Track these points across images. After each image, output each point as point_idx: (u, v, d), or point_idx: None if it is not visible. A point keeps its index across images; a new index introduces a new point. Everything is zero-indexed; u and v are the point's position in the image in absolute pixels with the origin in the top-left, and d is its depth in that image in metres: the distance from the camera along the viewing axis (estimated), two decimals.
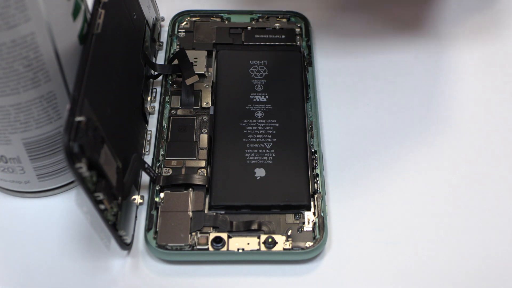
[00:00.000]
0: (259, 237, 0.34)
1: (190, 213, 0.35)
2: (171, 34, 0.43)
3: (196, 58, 0.42)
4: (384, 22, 0.45)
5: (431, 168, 0.38)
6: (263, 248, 0.34)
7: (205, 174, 0.37)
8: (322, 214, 0.35)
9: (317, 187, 0.36)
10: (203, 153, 0.38)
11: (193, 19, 0.44)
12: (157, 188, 0.36)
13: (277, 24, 0.44)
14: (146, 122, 0.40)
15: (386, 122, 0.40)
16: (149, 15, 0.43)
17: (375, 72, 0.43)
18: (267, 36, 0.43)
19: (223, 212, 0.35)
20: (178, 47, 0.43)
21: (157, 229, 0.34)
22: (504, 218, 0.36)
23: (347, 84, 0.42)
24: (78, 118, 0.29)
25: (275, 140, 0.38)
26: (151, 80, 0.42)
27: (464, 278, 0.34)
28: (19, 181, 0.36)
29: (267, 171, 0.36)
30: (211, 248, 0.34)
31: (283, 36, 0.43)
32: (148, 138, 0.39)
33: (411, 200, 0.37)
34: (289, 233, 0.34)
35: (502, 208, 0.37)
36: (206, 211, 0.35)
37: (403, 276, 0.34)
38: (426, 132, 0.40)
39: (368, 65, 0.43)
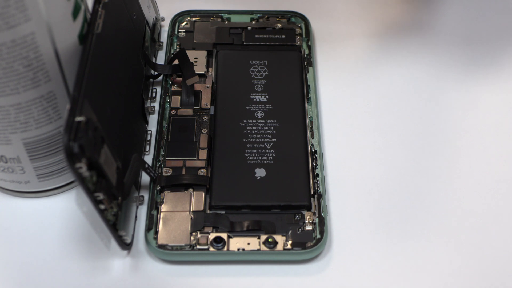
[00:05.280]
0: (259, 237, 0.34)
1: (191, 213, 0.35)
2: (171, 34, 0.43)
3: (196, 58, 0.42)
4: (384, 22, 0.45)
5: (431, 167, 0.38)
6: (263, 248, 0.34)
7: (205, 174, 0.37)
8: (322, 214, 0.35)
9: (317, 187, 0.36)
10: (203, 153, 0.38)
11: (193, 19, 0.44)
12: (157, 188, 0.36)
13: (277, 24, 0.44)
14: (146, 122, 0.40)
15: (386, 122, 0.40)
16: (149, 15, 0.43)
17: (376, 71, 0.43)
18: (267, 36, 0.43)
19: (223, 212, 0.35)
20: (178, 47, 0.43)
21: (157, 229, 0.34)
22: (505, 219, 0.36)
23: (347, 84, 0.42)
24: (78, 118, 0.29)
25: (275, 140, 0.38)
26: (151, 80, 0.42)
27: (465, 278, 0.34)
28: (19, 181, 0.36)
29: (267, 171, 0.36)
30: (211, 248, 0.34)
31: (283, 36, 0.43)
32: (148, 138, 0.39)
33: (411, 199, 0.37)
34: (290, 233, 0.34)
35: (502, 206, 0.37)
36: (206, 211, 0.35)
37: (403, 276, 0.34)
38: (426, 131, 0.40)
39: (368, 65, 0.43)
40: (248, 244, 0.34)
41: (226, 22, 0.44)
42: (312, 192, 0.36)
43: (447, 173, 0.38)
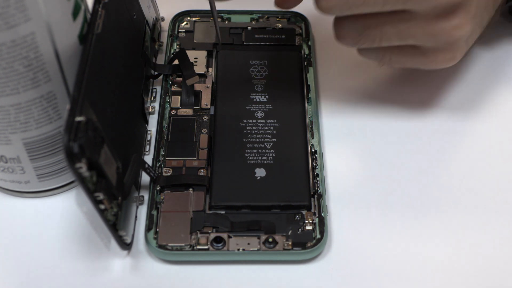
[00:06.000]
0: (259, 237, 0.34)
1: (191, 213, 0.35)
2: (171, 34, 0.43)
3: (196, 58, 0.42)
4: None
5: (431, 166, 0.38)
6: (263, 248, 0.34)
7: (205, 174, 0.37)
8: (322, 214, 0.35)
9: (317, 187, 0.36)
10: (203, 153, 0.38)
11: (193, 19, 0.44)
12: (157, 188, 0.36)
13: (277, 24, 0.44)
14: (146, 122, 0.40)
15: (386, 121, 0.40)
16: (149, 15, 0.43)
17: (376, 71, 0.43)
18: (267, 36, 0.43)
19: (223, 212, 0.35)
20: (178, 47, 0.43)
21: (158, 229, 0.34)
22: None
23: (347, 84, 0.42)
24: (78, 118, 0.29)
25: (275, 140, 0.38)
26: (151, 80, 0.42)
27: (466, 278, 0.34)
28: (19, 181, 0.36)
29: (267, 171, 0.36)
30: (211, 248, 0.34)
31: (283, 36, 0.43)
32: (148, 138, 0.39)
33: (411, 200, 0.37)
34: (290, 233, 0.34)
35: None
36: (206, 211, 0.35)
37: (403, 276, 0.34)
38: (426, 131, 0.40)
39: (368, 65, 0.43)
40: (248, 244, 0.34)
41: (226, 22, 0.44)
42: (312, 192, 0.36)
43: (447, 173, 0.38)
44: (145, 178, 0.37)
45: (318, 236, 0.34)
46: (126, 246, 0.34)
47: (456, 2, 0.34)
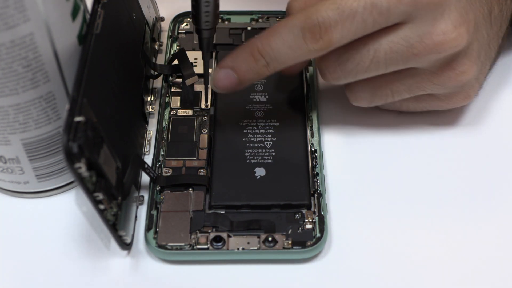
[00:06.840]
0: (259, 236, 0.34)
1: (190, 213, 0.35)
2: (171, 34, 0.43)
3: (196, 58, 0.42)
4: None
5: (430, 167, 0.38)
6: (263, 247, 0.34)
7: (205, 174, 0.37)
8: (322, 213, 0.35)
9: (317, 186, 0.36)
10: (203, 153, 0.38)
11: None
12: (157, 188, 0.36)
13: None
14: (146, 122, 0.40)
15: (386, 120, 0.40)
16: (149, 15, 0.43)
17: None
18: None
19: (223, 212, 0.35)
20: (178, 47, 0.43)
21: (157, 229, 0.34)
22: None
23: None
24: (77, 118, 0.29)
25: (275, 139, 0.38)
26: (151, 80, 0.42)
27: (465, 278, 0.34)
28: (18, 181, 0.36)
29: (267, 171, 0.36)
30: (211, 248, 0.34)
31: None
32: (148, 138, 0.39)
33: (410, 199, 0.37)
34: (289, 232, 0.34)
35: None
36: (206, 210, 0.35)
37: (403, 275, 0.34)
38: (427, 131, 0.40)
39: None
40: (248, 243, 0.34)
41: (226, 22, 0.44)
42: (312, 191, 0.36)
43: (448, 174, 0.38)
44: (145, 178, 0.37)
45: (318, 235, 0.34)
46: (126, 246, 0.34)
47: (456, 52, 0.35)
